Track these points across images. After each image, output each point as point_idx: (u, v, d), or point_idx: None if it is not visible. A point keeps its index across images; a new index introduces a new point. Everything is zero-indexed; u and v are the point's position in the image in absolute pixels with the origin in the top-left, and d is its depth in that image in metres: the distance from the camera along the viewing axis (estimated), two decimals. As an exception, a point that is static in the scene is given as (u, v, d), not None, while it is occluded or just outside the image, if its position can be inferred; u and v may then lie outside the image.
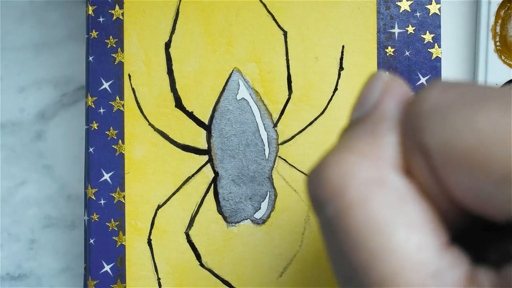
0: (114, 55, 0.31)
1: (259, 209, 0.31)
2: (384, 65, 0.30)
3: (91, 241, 0.31)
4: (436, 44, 0.30)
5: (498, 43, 0.33)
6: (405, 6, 0.30)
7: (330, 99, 0.31)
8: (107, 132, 0.31)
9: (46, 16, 0.36)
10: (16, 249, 0.36)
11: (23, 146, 0.36)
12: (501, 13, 0.32)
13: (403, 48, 0.30)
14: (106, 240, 0.31)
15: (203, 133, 0.31)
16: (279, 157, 0.31)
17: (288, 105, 0.31)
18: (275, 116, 0.31)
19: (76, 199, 0.36)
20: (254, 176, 0.31)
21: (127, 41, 0.31)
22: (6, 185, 0.36)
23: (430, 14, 0.30)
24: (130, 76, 0.31)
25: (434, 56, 0.30)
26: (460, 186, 0.12)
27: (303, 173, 0.31)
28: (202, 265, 0.31)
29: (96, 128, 0.31)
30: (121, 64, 0.31)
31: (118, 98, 0.31)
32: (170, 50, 0.31)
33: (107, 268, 0.31)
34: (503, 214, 0.12)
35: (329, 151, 0.14)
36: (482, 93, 0.13)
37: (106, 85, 0.31)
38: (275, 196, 0.31)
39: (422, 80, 0.30)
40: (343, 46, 0.31)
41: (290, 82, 0.31)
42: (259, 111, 0.31)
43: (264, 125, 0.31)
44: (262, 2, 0.31)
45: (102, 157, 0.31)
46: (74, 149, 0.36)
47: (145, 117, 0.31)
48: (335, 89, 0.31)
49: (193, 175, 0.31)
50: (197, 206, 0.31)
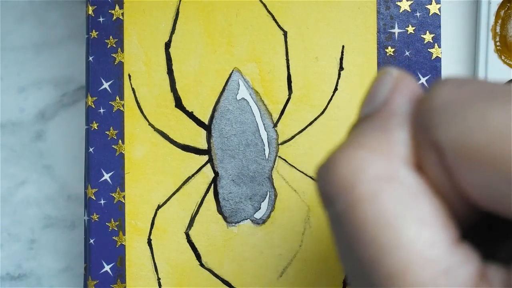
0: (114, 55, 0.31)
1: (259, 209, 0.31)
2: (384, 65, 0.30)
3: (91, 241, 0.31)
4: (436, 44, 0.30)
5: (498, 43, 0.33)
6: (405, 6, 0.30)
7: (330, 99, 0.31)
8: (107, 132, 0.31)
9: (46, 16, 0.36)
10: (16, 249, 0.36)
11: (23, 146, 0.36)
12: (501, 13, 0.32)
13: (403, 48, 0.30)
14: (106, 240, 0.31)
15: (203, 133, 0.31)
16: (279, 157, 0.31)
17: (288, 105, 0.31)
18: (275, 116, 0.31)
19: (76, 199, 0.36)
20: (254, 176, 0.31)
21: (127, 41, 0.31)
22: (6, 185, 0.36)
23: (430, 14, 0.30)
24: (130, 76, 0.31)
25: (434, 56, 0.30)
26: (471, 182, 0.12)
27: (303, 173, 0.31)
28: (202, 265, 0.31)
29: (96, 128, 0.31)
30: (121, 64, 0.31)
31: (118, 98, 0.31)
32: (170, 50, 0.31)
33: (107, 268, 0.31)
34: None
35: (338, 147, 0.14)
36: (494, 89, 0.13)
37: (106, 85, 0.31)
38: (275, 196, 0.31)
39: (422, 80, 0.30)
40: (343, 46, 0.31)
41: (290, 82, 0.31)
42: (259, 111, 0.31)
43: (264, 125, 0.31)
44: (262, 2, 0.31)
45: (102, 157, 0.31)
46: (74, 149, 0.36)
47: (145, 117, 0.31)
48: (335, 89, 0.31)
49: (193, 175, 0.31)
50: (197, 206, 0.31)
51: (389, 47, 0.30)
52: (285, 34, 0.31)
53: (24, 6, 0.36)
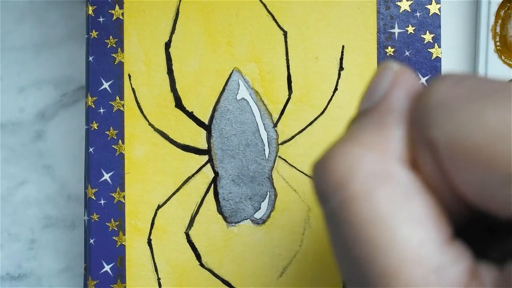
0: (114, 55, 0.31)
1: (259, 209, 0.31)
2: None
3: (91, 241, 0.31)
4: (436, 44, 0.30)
5: (498, 43, 0.33)
6: (405, 6, 0.30)
7: (330, 99, 0.31)
8: (107, 132, 0.31)
9: (46, 16, 0.36)
10: (16, 249, 0.36)
11: (23, 146, 0.36)
12: (501, 13, 0.32)
13: (403, 48, 0.30)
14: (106, 240, 0.31)
15: (203, 133, 0.31)
16: (279, 157, 0.31)
17: (288, 105, 0.31)
18: (275, 116, 0.31)
19: (76, 199, 0.36)
20: (254, 176, 0.31)
21: (127, 41, 0.31)
22: (6, 185, 0.36)
23: (430, 14, 0.30)
24: (130, 76, 0.31)
25: (434, 56, 0.30)
26: (465, 181, 0.12)
27: (303, 173, 0.31)
28: (202, 265, 0.31)
29: (96, 128, 0.31)
30: (121, 64, 0.31)
31: (118, 98, 0.31)
32: (170, 50, 0.31)
33: (107, 268, 0.31)
34: (506, 212, 0.12)
35: (335, 142, 0.14)
36: (493, 87, 0.12)
37: (106, 85, 0.31)
38: (275, 196, 0.31)
39: (422, 80, 0.30)
40: (343, 46, 0.31)
41: (290, 82, 0.31)
42: (259, 111, 0.31)
43: (264, 125, 0.31)
44: (262, 2, 0.31)
45: (102, 157, 0.31)
46: (74, 149, 0.36)
47: (145, 117, 0.31)
48: (335, 89, 0.31)
49: (193, 175, 0.31)
50: (197, 206, 0.31)
51: (389, 47, 0.30)
52: (285, 34, 0.31)
53: (24, 6, 0.36)
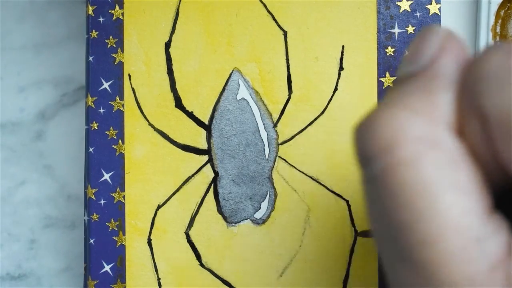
0: (114, 55, 0.31)
1: (259, 209, 0.31)
2: (384, 65, 0.30)
3: (91, 241, 0.31)
4: (436, 44, 0.30)
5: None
6: (405, 6, 0.30)
7: (330, 99, 0.31)
8: (107, 132, 0.31)
9: (46, 16, 0.36)
10: (16, 249, 0.36)
11: (23, 146, 0.36)
12: (501, 13, 0.32)
13: (403, 48, 0.30)
14: (106, 240, 0.31)
15: (203, 133, 0.31)
16: (279, 157, 0.31)
17: (288, 105, 0.31)
18: (275, 116, 0.31)
19: (76, 199, 0.36)
20: (254, 176, 0.31)
21: (127, 41, 0.31)
22: (6, 185, 0.36)
23: (430, 14, 0.30)
24: (130, 76, 0.31)
25: (434, 56, 0.30)
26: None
27: (303, 173, 0.31)
28: (202, 265, 0.31)
29: (96, 128, 0.31)
30: (121, 64, 0.31)
31: (118, 98, 0.31)
32: (170, 50, 0.31)
33: (107, 268, 0.31)
34: None
35: (379, 105, 0.14)
36: None
37: (106, 85, 0.31)
38: (275, 196, 0.31)
39: (422, 80, 0.30)
40: (343, 46, 0.31)
41: (290, 82, 0.31)
42: (259, 111, 0.31)
43: (264, 125, 0.31)
44: (262, 2, 0.31)
45: (102, 157, 0.31)
46: (74, 149, 0.36)
47: (145, 117, 0.31)
48: (335, 89, 0.31)
49: (193, 175, 0.31)
50: (197, 206, 0.31)
51: (389, 47, 0.30)
52: (285, 34, 0.31)
53: (24, 6, 0.36)
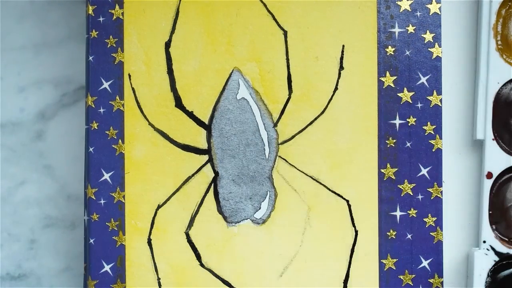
0: (114, 55, 0.31)
1: (259, 209, 0.31)
2: (384, 64, 0.30)
3: (91, 241, 0.31)
4: (436, 43, 0.30)
5: (499, 42, 0.32)
6: (405, 5, 0.30)
7: (330, 99, 0.31)
8: (107, 132, 0.31)
9: (47, 15, 0.36)
10: (16, 249, 0.36)
11: (23, 146, 0.36)
12: (502, 11, 0.32)
13: (404, 47, 0.30)
14: (106, 240, 0.31)
15: (203, 132, 0.31)
16: (279, 156, 0.31)
17: (288, 104, 0.31)
18: (275, 115, 0.31)
19: (76, 199, 0.36)
20: (254, 176, 0.31)
21: (127, 40, 0.31)
22: (6, 185, 0.36)
23: (430, 14, 0.30)
24: (130, 76, 0.31)
25: (434, 55, 0.30)
26: None
27: (303, 173, 0.31)
28: (202, 265, 0.31)
29: (96, 128, 0.31)
30: (121, 64, 0.31)
31: (118, 97, 0.31)
32: (170, 49, 0.31)
33: (107, 268, 0.31)
34: None
35: None
36: None
37: (106, 85, 0.31)
38: (275, 196, 0.31)
39: (423, 79, 0.30)
40: (343, 46, 0.31)
41: (290, 81, 0.31)
42: (259, 111, 0.31)
43: (264, 124, 0.31)
44: (262, 2, 0.31)
45: (102, 157, 0.31)
46: (74, 149, 0.36)
47: (145, 117, 0.31)
48: (335, 88, 0.31)
49: (193, 175, 0.31)
50: (197, 206, 0.31)
51: (389, 47, 0.30)
52: (285, 33, 0.31)
53: (24, 6, 0.36)
